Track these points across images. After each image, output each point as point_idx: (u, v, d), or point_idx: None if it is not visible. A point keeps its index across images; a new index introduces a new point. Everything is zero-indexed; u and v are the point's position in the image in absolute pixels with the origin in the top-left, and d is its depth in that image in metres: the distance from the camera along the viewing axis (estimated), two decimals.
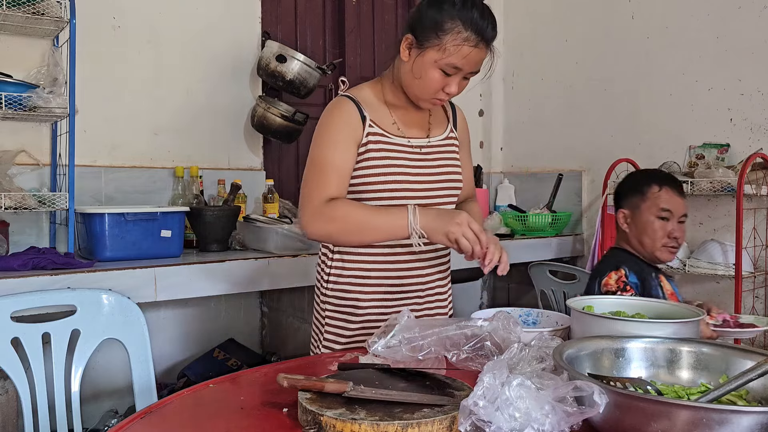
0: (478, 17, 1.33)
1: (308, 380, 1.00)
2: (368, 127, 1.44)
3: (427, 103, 1.46)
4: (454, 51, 1.34)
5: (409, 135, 1.50)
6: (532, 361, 1.04)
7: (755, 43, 2.60)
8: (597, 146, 3.19)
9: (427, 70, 1.38)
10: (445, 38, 1.34)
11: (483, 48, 1.36)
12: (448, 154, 1.55)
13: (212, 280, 2.10)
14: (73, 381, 1.75)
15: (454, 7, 1.34)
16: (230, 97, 2.84)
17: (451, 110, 1.63)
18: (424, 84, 1.40)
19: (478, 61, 1.38)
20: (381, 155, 1.44)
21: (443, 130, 1.57)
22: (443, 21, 1.34)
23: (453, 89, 1.40)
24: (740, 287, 2.35)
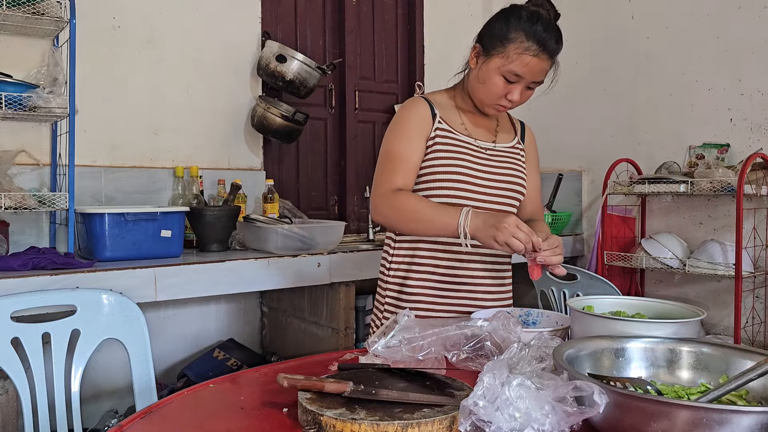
0: (542, 30, 1.44)
1: (308, 380, 1.00)
2: (437, 123, 1.53)
3: (490, 109, 1.53)
4: (516, 58, 1.43)
5: (476, 136, 1.57)
6: (532, 361, 1.04)
7: (755, 43, 2.60)
8: (597, 146, 3.19)
9: (491, 76, 1.47)
10: (509, 47, 1.44)
11: (545, 59, 1.46)
12: (514, 161, 1.60)
13: (212, 280, 2.10)
14: (73, 381, 1.75)
15: (520, 20, 1.45)
16: (230, 97, 2.85)
17: (521, 127, 1.72)
18: (487, 89, 1.49)
19: (539, 71, 1.47)
20: (447, 149, 1.51)
21: (510, 139, 1.65)
22: (509, 31, 1.44)
23: (515, 96, 1.48)
24: (740, 287, 2.35)
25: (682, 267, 2.61)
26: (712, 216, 2.74)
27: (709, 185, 2.49)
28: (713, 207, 2.74)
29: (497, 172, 1.55)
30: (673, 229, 2.84)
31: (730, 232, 2.54)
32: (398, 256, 1.58)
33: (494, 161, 1.56)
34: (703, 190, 2.52)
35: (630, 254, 2.78)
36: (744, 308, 2.48)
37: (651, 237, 2.77)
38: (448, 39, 3.54)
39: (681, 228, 2.83)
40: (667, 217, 2.90)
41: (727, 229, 2.65)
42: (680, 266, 2.61)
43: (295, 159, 3.15)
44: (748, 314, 2.54)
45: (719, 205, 2.72)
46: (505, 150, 1.60)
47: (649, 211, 2.97)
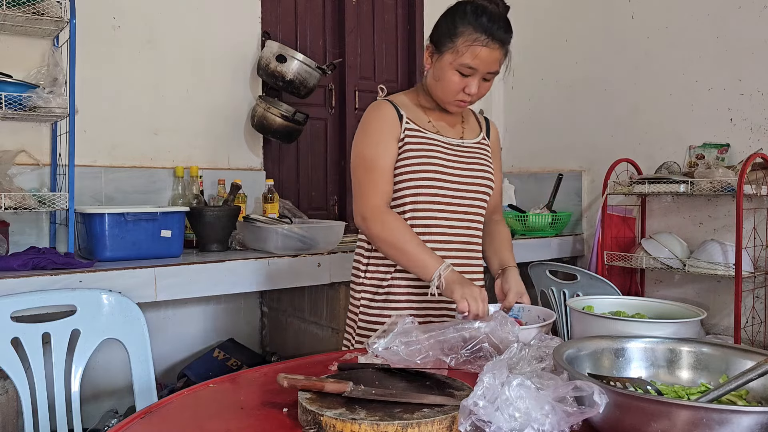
0: (487, 21, 1.45)
1: (308, 380, 1.00)
2: (405, 124, 1.55)
3: (451, 106, 1.55)
4: (466, 51, 1.45)
5: (445, 133, 1.60)
6: (532, 361, 1.04)
7: (755, 43, 2.60)
8: (597, 146, 3.19)
9: (446, 73, 1.49)
10: (458, 41, 1.46)
11: (495, 48, 1.47)
12: (482, 156, 1.63)
13: (212, 280, 2.10)
14: (73, 381, 1.75)
15: (465, 15, 1.46)
16: (230, 97, 2.84)
17: (486, 123, 1.73)
18: (444, 86, 1.51)
19: (491, 61, 1.48)
20: (418, 147, 1.53)
21: (476, 135, 1.67)
22: (456, 26, 1.46)
23: (473, 89, 1.50)
24: (740, 287, 2.35)
25: (682, 267, 2.61)
26: (712, 216, 2.74)
27: (709, 185, 2.49)
28: (713, 207, 2.74)
29: (468, 167, 1.58)
30: (673, 229, 2.84)
31: (730, 232, 2.54)
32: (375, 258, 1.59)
33: (464, 157, 1.58)
34: (703, 190, 2.52)
35: (630, 254, 2.78)
36: (744, 308, 2.48)
37: (651, 237, 2.77)
38: None
39: (681, 228, 2.83)
40: (667, 217, 2.90)
41: (727, 229, 2.65)
42: (680, 266, 2.61)
43: (295, 159, 3.15)
44: (748, 314, 2.54)
45: (719, 205, 2.72)
46: (472, 146, 1.63)
47: (649, 211, 2.97)
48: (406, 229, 1.47)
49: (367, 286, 1.60)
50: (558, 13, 3.39)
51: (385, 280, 1.57)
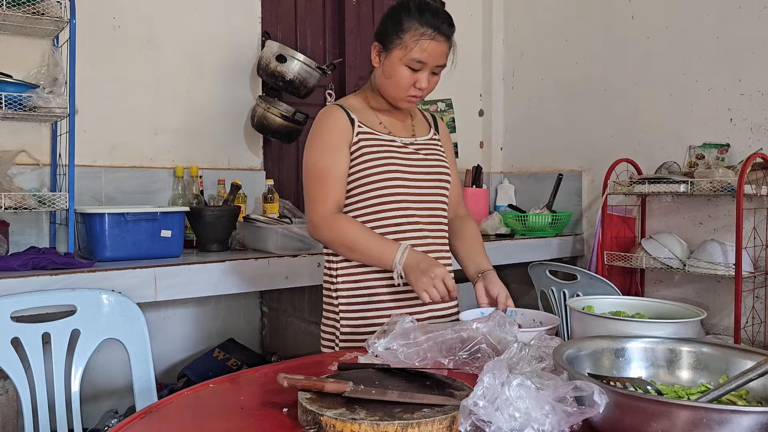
0: (431, 16, 1.50)
1: (308, 380, 1.00)
2: (357, 128, 1.56)
3: (403, 102, 1.57)
4: (414, 45, 1.48)
5: (397, 133, 1.62)
6: (532, 360, 1.04)
7: (755, 43, 2.60)
8: (597, 146, 3.19)
9: (395, 69, 1.51)
10: (405, 36, 1.49)
11: (441, 41, 1.51)
12: (436, 152, 1.66)
13: (212, 280, 2.10)
14: (73, 381, 1.75)
15: (410, 12, 1.50)
16: (230, 97, 2.84)
17: (433, 120, 1.76)
18: (395, 82, 1.53)
19: (439, 54, 1.51)
20: (374, 149, 1.55)
21: (427, 133, 1.69)
22: (402, 22, 1.50)
23: (423, 84, 1.52)
24: (740, 287, 2.35)
25: (682, 267, 2.61)
26: (712, 216, 2.74)
27: (709, 185, 2.48)
28: (713, 207, 2.74)
29: (424, 164, 1.60)
30: (673, 229, 2.84)
31: (730, 232, 2.54)
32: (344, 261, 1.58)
33: (419, 155, 1.61)
34: (703, 190, 2.52)
35: (630, 254, 2.78)
36: (744, 308, 2.48)
37: (651, 237, 2.77)
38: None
39: (681, 228, 2.83)
40: (667, 217, 2.90)
41: (727, 229, 2.65)
42: (680, 266, 2.61)
43: (295, 159, 3.15)
44: (748, 314, 2.54)
45: (719, 205, 2.72)
46: (425, 142, 1.65)
47: (649, 211, 2.97)
48: (356, 227, 1.48)
49: (342, 291, 1.59)
50: (558, 13, 3.39)
51: (361, 282, 1.57)
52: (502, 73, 3.68)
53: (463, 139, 3.55)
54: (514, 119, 3.64)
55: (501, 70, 3.68)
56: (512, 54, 3.64)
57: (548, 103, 3.45)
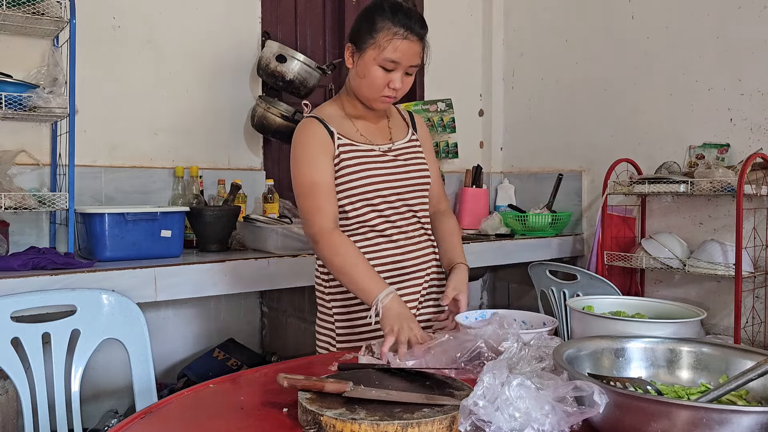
0: (404, 16, 1.50)
1: (308, 380, 1.00)
2: (337, 140, 1.57)
3: (378, 103, 1.57)
4: (387, 45, 1.48)
5: (375, 141, 1.63)
6: (532, 361, 1.04)
7: (755, 43, 2.60)
8: (597, 146, 3.19)
9: (369, 69, 1.52)
10: (378, 36, 1.49)
11: (414, 40, 1.50)
12: (414, 155, 1.67)
13: (212, 280, 2.10)
14: (73, 381, 1.75)
15: (383, 12, 1.51)
16: (230, 97, 2.84)
17: (410, 117, 1.76)
18: (369, 83, 1.53)
19: (412, 54, 1.51)
20: (353, 162, 1.56)
21: (405, 135, 1.70)
22: (374, 23, 1.51)
23: (397, 84, 1.52)
24: (740, 287, 2.35)
25: (682, 267, 2.61)
26: (712, 216, 2.74)
27: (709, 185, 2.48)
28: (713, 207, 2.74)
29: (403, 170, 1.62)
30: (673, 229, 2.84)
31: (730, 232, 2.54)
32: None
33: (398, 161, 1.62)
34: (703, 190, 2.51)
35: (630, 254, 2.78)
36: (744, 308, 2.48)
37: (651, 237, 2.77)
38: (448, 39, 3.54)
39: (681, 228, 2.83)
40: (667, 217, 2.90)
41: (727, 229, 2.65)
42: (680, 266, 2.61)
43: None
44: (748, 314, 2.54)
45: (719, 205, 2.72)
46: (403, 147, 1.66)
47: (649, 211, 2.97)
48: (353, 254, 1.48)
49: (335, 294, 1.62)
50: (558, 13, 3.39)
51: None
52: (502, 73, 3.68)
53: (463, 139, 3.55)
54: (514, 119, 3.64)
55: (501, 70, 3.68)
56: (512, 54, 3.64)
57: (548, 103, 3.45)
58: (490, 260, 2.89)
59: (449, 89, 3.52)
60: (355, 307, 1.60)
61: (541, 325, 1.37)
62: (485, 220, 3.19)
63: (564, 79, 3.36)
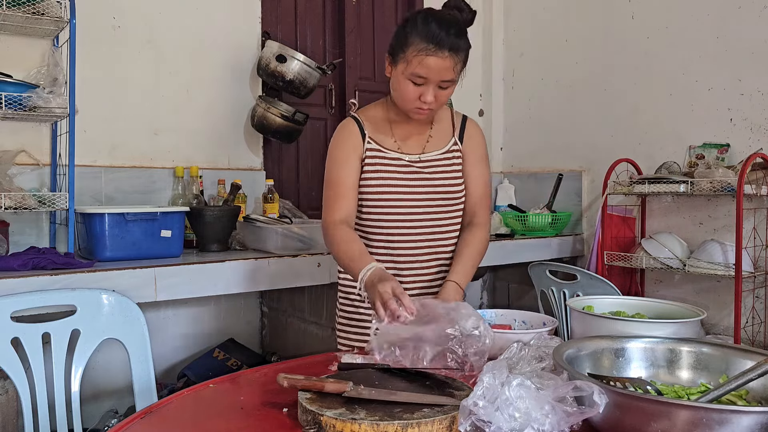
0: (435, 28, 1.44)
1: (308, 380, 1.00)
2: (367, 144, 1.59)
3: (412, 113, 1.55)
4: (414, 60, 1.45)
5: (406, 150, 1.62)
6: (532, 360, 1.04)
7: (755, 43, 2.60)
8: (597, 146, 3.19)
9: (400, 82, 1.51)
10: (408, 50, 1.47)
11: (444, 56, 1.44)
12: (446, 168, 1.63)
13: (212, 280, 2.10)
14: (73, 381, 1.75)
15: (416, 23, 1.47)
16: (230, 97, 2.84)
17: (461, 123, 1.70)
18: (401, 95, 1.52)
19: (440, 69, 1.45)
20: (376, 169, 1.58)
21: (444, 144, 1.65)
22: (407, 36, 1.48)
23: (428, 98, 1.49)
24: (740, 287, 2.35)
25: (682, 267, 2.61)
26: (712, 216, 2.74)
27: (709, 185, 2.48)
28: (713, 207, 2.74)
29: (426, 184, 1.60)
30: (673, 229, 2.84)
31: (730, 232, 2.54)
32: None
33: (424, 173, 1.60)
34: (703, 190, 2.51)
35: (630, 254, 2.78)
36: (744, 308, 2.48)
37: (651, 237, 2.77)
38: None
39: (681, 228, 2.83)
40: (667, 217, 2.90)
41: (727, 229, 2.65)
42: (680, 266, 2.61)
43: (295, 159, 3.15)
44: (748, 314, 2.54)
45: (719, 205, 2.72)
46: (434, 159, 1.62)
47: (649, 211, 2.97)
48: (346, 240, 1.50)
49: (342, 286, 1.69)
50: (558, 13, 3.39)
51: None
52: (502, 73, 3.68)
53: None
54: (514, 119, 3.64)
55: (501, 70, 3.68)
56: (512, 54, 3.64)
57: (548, 103, 3.45)
58: (490, 260, 2.89)
59: None
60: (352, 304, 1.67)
61: (541, 325, 1.37)
62: None
63: (564, 79, 3.36)
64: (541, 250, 3.03)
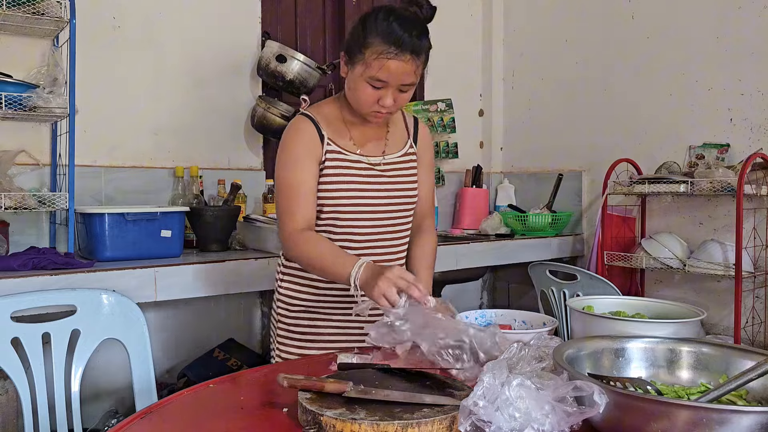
0: (398, 29, 1.36)
1: (308, 380, 1.00)
2: (326, 145, 1.51)
3: (369, 117, 1.49)
4: (374, 64, 1.37)
5: (366, 152, 1.55)
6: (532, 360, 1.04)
7: (755, 43, 2.60)
8: (597, 146, 3.19)
9: (358, 85, 1.42)
10: (367, 52, 1.38)
11: (406, 59, 1.37)
12: (405, 171, 1.59)
13: (212, 280, 2.10)
14: (73, 381, 1.75)
15: (375, 22, 1.38)
16: (230, 97, 2.84)
17: (414, 126, 1.66)
18: (358, 99, 1.45)
19: (402, 73, 1.38)
20: (337, 172, 1.51)
21: (401, 147, 1.61)
22: (365, 36, 1.38)
23: (387, 102, 1.42)
24: (740, 287, 2.35)
25: (682, 267, 2.61)
26: (712, 216, 2.74)
27: (709, 185, 2.48)
28: (713, 207, 2.74)
29: (388, 188, 1.55)
30: (673, 229, 2.84)
31: (730, 232, 2.54)
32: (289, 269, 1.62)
33: (385, 176, 1.55)
34: (703, 190, 2.52)
35: (630, 254, 2.78)
36: (744, 308, 2.48)
37: (651, 237, 2.77)
38: (448, 39, 3.54)
39: (681, 228, 2.83)
40: (667, 217, 2.90)
41: (727, 229, 2.65)
42: (680, 266, 2.61)
43: None
44: (748, 314, 2.54)
45: (719, 205, 2.72)
46: (394, 161, 1.58)
47: (649, 211, 2.97)
48: (319, 244, 1.44)
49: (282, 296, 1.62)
50: (558, 13, 3.39)
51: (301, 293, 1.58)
52: (502, 73, 3.68)
53: (463, 139, 3.55)
54: (514, 119, 3.64)
55: (501, 70, 3.68)
56: (512, 54, 3.64)
57: (548, 103, 3.45)
58: (490, 260, 2.89)
59: (449, 89, 3.52)
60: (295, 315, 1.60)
61: (541, 325, 1.37)
62: (485, 220, 3.19)
63: (564, 79, 3.36)
64: (541, 250, 3.03)
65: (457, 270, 2.77)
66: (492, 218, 3.18)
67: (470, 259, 2.80)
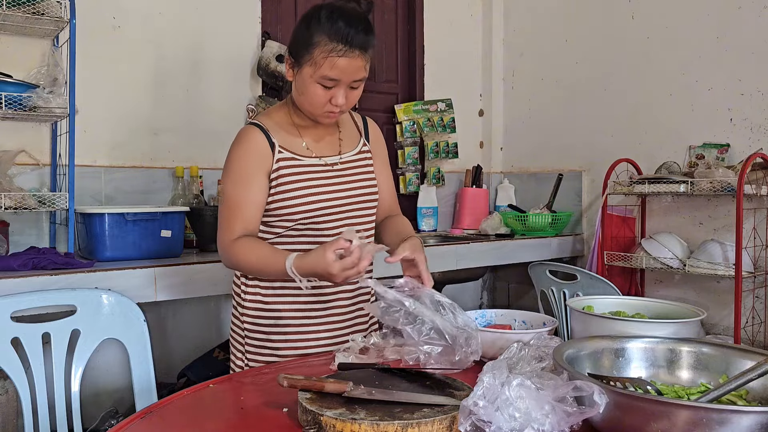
0: (344, 26, 1.35)
1: (308, 380, 1.00)
2: (278, 154, 1.47)
3: (322, 118, 1.47)
4: (323, 63, 1.36)
5: (321, 154, 1.53)
6: (532, 360, 1.04)
7: (755, 43, 2.60)
8: (597, 146, 3.19)
9: (308, 86, 1.40)
10: (314, 52, 1.36)
11: (355, 56, 1.37)
12: (363, 168, 1.58)
13: (212, 280, 2.10)
14: (73, 381, 1.75)
15: (320, 21, 1.36)
16: (230, 97, 2.84)
17: (363, 124, 1.65)
18: (309, 100, 1.42)
19: (353, 70, 1.38)
20: (293, 179, 1.47)
21: (355, 145, 1.60)
22: (311, 36, 1.37)
23: (339, 100, 1.41)
24: (740, 287, 2.35)
25: (682, 267, 2.61)
26: (712, 216, 2.74)
27: (709, 185, 2.49)
28: (713, 207, 2.74)
29: (348, 186, 1.52)
30: (673, 229, 2.84)
31: (730, 232, 2.54)
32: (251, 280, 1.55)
33: (344, 175, 1.53)
34: (703, 190, 2.52)
35: (630, 254, 2.78)
36: (744, 308, 2.48)
37: (651, 237, 2.77)
38: (448, 39, 3.54)
39: (681, 228, 2.83)
40: (667, 217, 2.90)
41: (727, 229, 2.65)
42: (680, 266, 2.61)
43: None
44: (748, 314, 2.54)
45: (719, 205, 2.72)
46: (351, 160, 1.56)
47: (649, 211, 2.97)
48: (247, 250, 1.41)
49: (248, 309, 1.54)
50: (558, 13, 3.39)
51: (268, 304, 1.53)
52: (502, 73, 3.68)
53: (463, 139, 3.55)
54: (514, 119, 3.64)
55: (501, 70, 3.68)
56: (512, 54, 3.64)
57: (548, 103, 3.46)
58: (490, 260, 2.90)
59: (449, 89, 3.52)
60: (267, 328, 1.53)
61: (541, 325, 1.37)
62: (485, 220, 3.19)
63: (564, 79, 3.36)
64: (541, 250, 3.03)
65: (457, 270, 2.77)
66: (492, 218, 3.18)
67: (470, 259, 2.80)
